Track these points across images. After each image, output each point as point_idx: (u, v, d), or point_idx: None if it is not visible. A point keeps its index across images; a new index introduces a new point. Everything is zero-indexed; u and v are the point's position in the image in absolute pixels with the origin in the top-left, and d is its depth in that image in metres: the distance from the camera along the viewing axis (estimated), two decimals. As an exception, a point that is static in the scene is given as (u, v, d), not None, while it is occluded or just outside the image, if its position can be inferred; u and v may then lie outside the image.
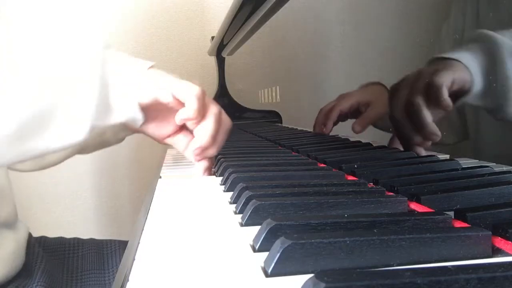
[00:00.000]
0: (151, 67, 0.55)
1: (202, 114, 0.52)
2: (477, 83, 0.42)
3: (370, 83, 0.67)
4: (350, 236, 0.23)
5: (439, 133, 0.48)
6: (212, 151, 0.55)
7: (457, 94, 0.45)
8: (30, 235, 0.81)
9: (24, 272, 0.73)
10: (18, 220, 0.76)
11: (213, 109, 0.54)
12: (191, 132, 0.56)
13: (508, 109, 0.40)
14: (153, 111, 0.52)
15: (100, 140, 0.78)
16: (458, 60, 0.45)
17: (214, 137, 0.54)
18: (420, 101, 0.48)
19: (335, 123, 0.75)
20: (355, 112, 0.69)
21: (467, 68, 0.43)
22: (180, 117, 0.52)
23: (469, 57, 0.44)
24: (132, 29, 1.66)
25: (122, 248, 0.87)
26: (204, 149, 0.53)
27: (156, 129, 0.55)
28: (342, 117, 0.73)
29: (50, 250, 0.83)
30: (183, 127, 0.56)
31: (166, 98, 0.51)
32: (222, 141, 0.57)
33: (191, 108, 0.51)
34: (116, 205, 1.74)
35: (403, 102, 0.52)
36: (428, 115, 0.48)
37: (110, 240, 0.89)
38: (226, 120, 0.58)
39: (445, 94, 0.45)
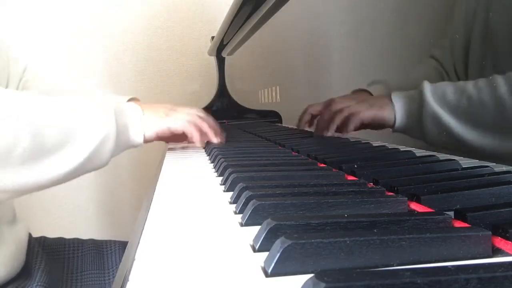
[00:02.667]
0: (131, 99, 0.79)
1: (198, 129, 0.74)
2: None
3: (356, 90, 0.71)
4: (350, 236, 0.23)
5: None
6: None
7: None
8: (30, 235, 0.81)
9: (24, 272, 0.73)
10: (18, 220, 0.76)
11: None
12: None
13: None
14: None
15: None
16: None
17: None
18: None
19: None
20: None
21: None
22: (191, 142, 0.76)
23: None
24: (132, 29, 1.66)
25: (122, 249, 0.87)
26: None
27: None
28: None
29: (50, 250, 0.83)
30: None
31: (164, 134, 0.71)
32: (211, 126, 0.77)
33: (195, 139, 0.74)
34: (116, 205, 1.74)
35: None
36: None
37: (110, 241, 0.89)
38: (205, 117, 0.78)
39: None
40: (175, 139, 0.78)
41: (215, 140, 0.76)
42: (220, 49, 1.43)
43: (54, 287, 0.74)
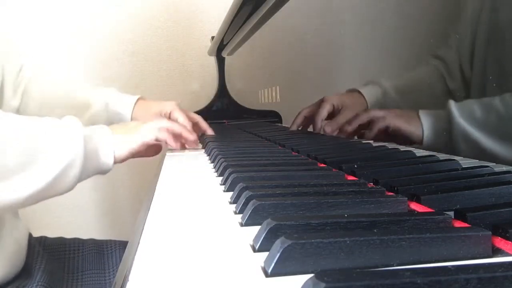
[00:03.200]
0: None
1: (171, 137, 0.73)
2: None
3: (349, 90, 0.73)
4: (350, 236, 0.23)
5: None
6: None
7: None
8: (30, 235, 0.81)
9: (25, 272, 0.73)
10: (18, 219, 0.77)
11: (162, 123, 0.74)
12: None
13: None
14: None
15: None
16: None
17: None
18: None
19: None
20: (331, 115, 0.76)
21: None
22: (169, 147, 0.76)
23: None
24: (132, 29, 1.66)
25: (122, 249, 0.87)
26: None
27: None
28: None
29: (50, 250, 0.83)
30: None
31: (139, 149, 0.69)
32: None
33: (170, 142, 0.73)
34: (116, 205, 1.74)
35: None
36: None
37: (110, 241, 0.89)
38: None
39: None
40: (149, 153, 0.76)
41: (191, 137, 0.76)
42: (220, 49, 1.43)
43: (55, 287, 0.74)
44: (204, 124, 0.96)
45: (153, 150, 0.75)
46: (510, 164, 0.42)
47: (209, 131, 0.96)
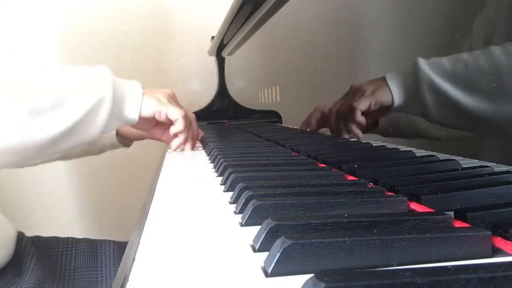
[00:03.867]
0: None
1: (186, 128, 0.76)
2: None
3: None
4: (350, 236, 0.23)
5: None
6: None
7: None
8: (22, 234, 0.81)
9: (15, 268, 0.73)
10: (1, 217, 0.77)
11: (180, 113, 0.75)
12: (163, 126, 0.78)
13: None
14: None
15: (86, 150, 0.91)
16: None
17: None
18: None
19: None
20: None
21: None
22: (173, 131, 0.75)
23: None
24: (132, 29, 1.66)
25: (116, 248, 0.87)
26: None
27: (142, 125, 0.75)
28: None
29: (43, 249, 0.83)
30: (158, 124, 0.77)
31: (160, 117, 0.72)
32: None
33: (180, 125, 0.74)
34: (116, 205, 1.74)
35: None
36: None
37: (105, 240, 0.89)
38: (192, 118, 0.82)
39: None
40: (160, 134, 0.80)
41: (188, 147, 0.78)
42: (220, 49, 1.43)
43: (46, 283, 0.74)
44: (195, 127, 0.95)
45: (164, 132, 0.79)
46: (498, 161, 0.42)
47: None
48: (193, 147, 0.80)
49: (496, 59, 0.39)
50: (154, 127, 0.78)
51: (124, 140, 0.94)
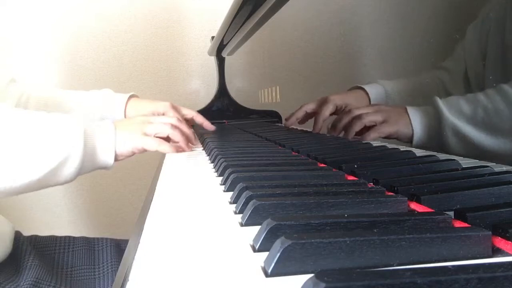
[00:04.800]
0: (131, 96, 0.87)
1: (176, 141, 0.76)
2: None
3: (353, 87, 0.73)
4: (350, 236, 0.23)
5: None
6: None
7: None
8: (19, 233, 0.81)
9: (12, 266, 0.73)
10: (1, 215, 0.77)
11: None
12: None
13: None
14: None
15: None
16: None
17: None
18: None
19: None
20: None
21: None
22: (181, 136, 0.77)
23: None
24: (132, 29, 1.66)
25: (114, 246, 0.87)
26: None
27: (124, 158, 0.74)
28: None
29: (41, 247, 0.83)
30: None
31: (139, 152, 0.73)
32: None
33: (169, 151, 0.74)
34: (116, 206, 1.74)
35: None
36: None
37: (102, 238, 0.89)
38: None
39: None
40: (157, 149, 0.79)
41: (187, 149, 0.78)
42: (220, 49, 1.43)
43: (44, 281, 0.74)
44: (200, 119, 0.96)
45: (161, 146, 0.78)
46: (501, 161, 0.42)
47: (207, 124, 0.95)
48: (189, 148, 0.80)
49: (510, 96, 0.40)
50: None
51: None
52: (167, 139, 0.76)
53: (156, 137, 0.74)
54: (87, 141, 0.64)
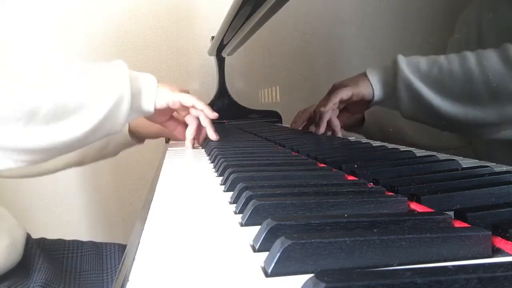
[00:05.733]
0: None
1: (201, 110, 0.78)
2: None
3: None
4: (350, 236, 0.23)
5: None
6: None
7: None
8: (29, 235, 0.81)
9: (22, 270, 0.73)
10: (13, 218, 0.77)
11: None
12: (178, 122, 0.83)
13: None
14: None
15: (100, 153, 0.94)
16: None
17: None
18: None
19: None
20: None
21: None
22: (205, 119, 0.79)
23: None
24: (132, 29, 1.66)
25: (121, 251, 0.88)
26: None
27: (158, 117, 0.78)
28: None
29: (49, 251, 0.83)
30: (172, 118, 0.81)
31: (174, 105, 0.75)
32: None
33: (206, 109, 0.78)
34: (116, 206, 1.74)
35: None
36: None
37: (110, 243, 0.90)
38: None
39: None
40: (170, 127, 0.82)
41: (214, 136, 0.80)
42: (220, 49, 1.43)
43: (53, 283, 0.74)
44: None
45: (177, 127, 0.82)
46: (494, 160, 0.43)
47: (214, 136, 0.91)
48: (212, 135, 0.81)
49: (469, 65, 0.42)
50: (168, 120, 0.80)
51: (137, 138, 0.96)
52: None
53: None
54: (133, 84, 0.66)
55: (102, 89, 0.62)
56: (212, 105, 1.45)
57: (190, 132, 0.81)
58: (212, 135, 0.80)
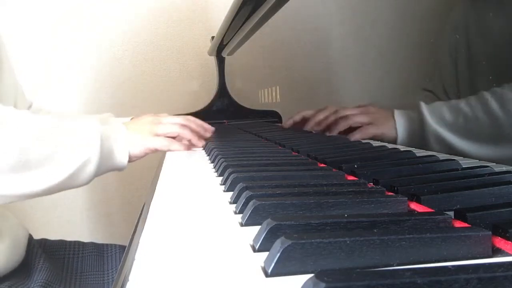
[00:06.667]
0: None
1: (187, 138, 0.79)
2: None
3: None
4: (350, 236, 0.23)
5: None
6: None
7: None
8: (31, 236, 0.81)
9: (24, 270, 0.73)
10: (14, 219, 0.77)
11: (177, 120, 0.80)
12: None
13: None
14: None
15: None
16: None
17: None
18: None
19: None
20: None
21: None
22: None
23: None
24: (132, 29, 1.66)
25: (122, 252, 0.88)
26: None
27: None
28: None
29: (50, 251, 0.83)
30: None
31: (151, 152, 0.74)
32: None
33: (194, 139, 0.79)
34: (116, 206, 1.74)
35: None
36: None
37: (111, 244, 0.90)
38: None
39: None
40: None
41: (199, 144, 0.80)
42: (220, 49, 1.43)
43: (54, 284, 0.74)
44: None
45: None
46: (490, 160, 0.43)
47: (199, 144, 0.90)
48: (202, 143, 0.81)
49: (490, 105, 0.42)
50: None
51: None
52: (178, 138, 0.78)
53: (167, 136, 0.76)
54: (103, 144, 0.65)
55: (69, 149, 0.62)
56: (212, 105, 1.45)
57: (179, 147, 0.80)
58: (198, 143, 0.80)
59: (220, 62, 1.46)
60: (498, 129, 0.41)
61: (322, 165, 0.54)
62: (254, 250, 0.26)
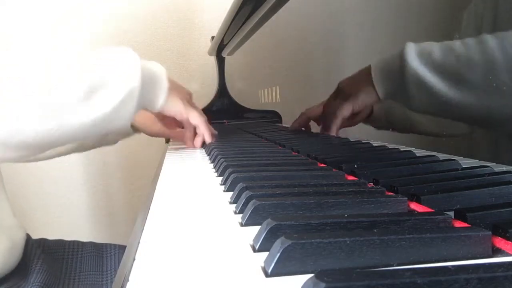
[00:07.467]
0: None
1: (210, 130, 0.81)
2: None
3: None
4: (350, 236, 0.23)
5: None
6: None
7: None
8: (29, 236, 0.81)
9: (21, 271, 0.73)
10: (15, 219, 0.77)
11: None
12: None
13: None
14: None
15: (100, 142, 0.93)
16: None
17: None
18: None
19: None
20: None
21: None
22: (199, 142, 0.83)
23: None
24: (132, 29, 1.66)
25: (122, 252, 0.88)
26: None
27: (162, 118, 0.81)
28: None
29: (49, 252, 0.83)
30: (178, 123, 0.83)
31: (181, 118, 0.76)
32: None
33: (207, 135, 0.80)
34: (116, 206, 1.74)
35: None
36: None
37: (110, 244, 0.90)
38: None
39: None
40: (173, 124, 0.84)
41: (199, 145, 0.83)
42: (220, 49, 1.43)
43: (52, 285, 0.74)
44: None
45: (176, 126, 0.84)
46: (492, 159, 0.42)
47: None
48: (199, 146, 0.83)
49: (490, 50, 0.38)
50: (168, 119, 0.81)
51: (137, 130, 0.97)
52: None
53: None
54: (145, 78, 0.64)
55: (113, 80, 0.59)
56: (212, 105, 1.46)
57: (188, 137, 0.83)
58: (209, 139, 0.81)
59: (220, 62, 1.46)
60: (495, 74, 0.37)
61: (322, 165, 0.54)
62: (254, 250, 0.26)
